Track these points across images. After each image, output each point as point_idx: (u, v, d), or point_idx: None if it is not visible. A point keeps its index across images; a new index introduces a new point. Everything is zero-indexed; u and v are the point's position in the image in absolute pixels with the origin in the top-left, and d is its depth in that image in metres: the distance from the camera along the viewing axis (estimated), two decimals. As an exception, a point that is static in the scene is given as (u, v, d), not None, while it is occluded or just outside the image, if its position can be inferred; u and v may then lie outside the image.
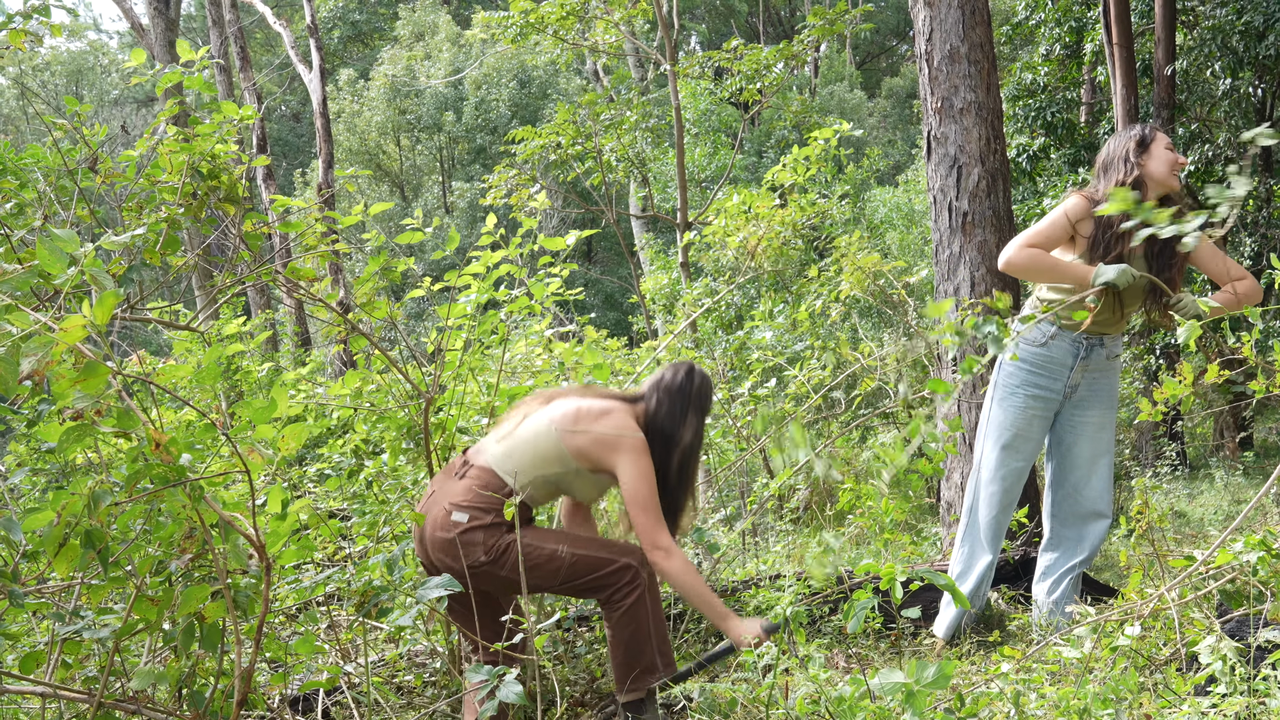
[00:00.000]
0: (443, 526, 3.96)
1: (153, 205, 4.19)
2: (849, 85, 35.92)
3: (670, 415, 4.18)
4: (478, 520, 3.94)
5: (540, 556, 3.97)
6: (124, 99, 36.76)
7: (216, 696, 3.17)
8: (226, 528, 2.94)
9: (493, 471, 4.04)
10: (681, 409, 4.19)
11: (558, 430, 4.07)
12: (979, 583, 5.11)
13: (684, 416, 4.19)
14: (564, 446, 4.05)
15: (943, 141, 6.54)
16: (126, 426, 2.69)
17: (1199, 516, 9.02)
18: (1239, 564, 3.89)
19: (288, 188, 33.47)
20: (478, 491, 4.00)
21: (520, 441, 4.08)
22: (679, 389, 4.22)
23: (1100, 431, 4.98)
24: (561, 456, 4.06)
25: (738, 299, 12.29)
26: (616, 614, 3.97)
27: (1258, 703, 3.11)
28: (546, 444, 4.06)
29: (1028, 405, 4.94)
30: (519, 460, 4.05)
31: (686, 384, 4.23)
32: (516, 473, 4.03)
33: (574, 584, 4.01)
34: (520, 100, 32.01)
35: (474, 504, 3.97)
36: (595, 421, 4.08)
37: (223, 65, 19.05)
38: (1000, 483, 5.04)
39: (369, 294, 4.80)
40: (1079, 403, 4.95)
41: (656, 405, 4.20)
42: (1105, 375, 4.94)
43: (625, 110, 12.65)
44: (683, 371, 4.27)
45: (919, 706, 2.63)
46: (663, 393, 4.22)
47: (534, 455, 4.06)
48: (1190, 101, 15.34)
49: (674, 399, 4.20)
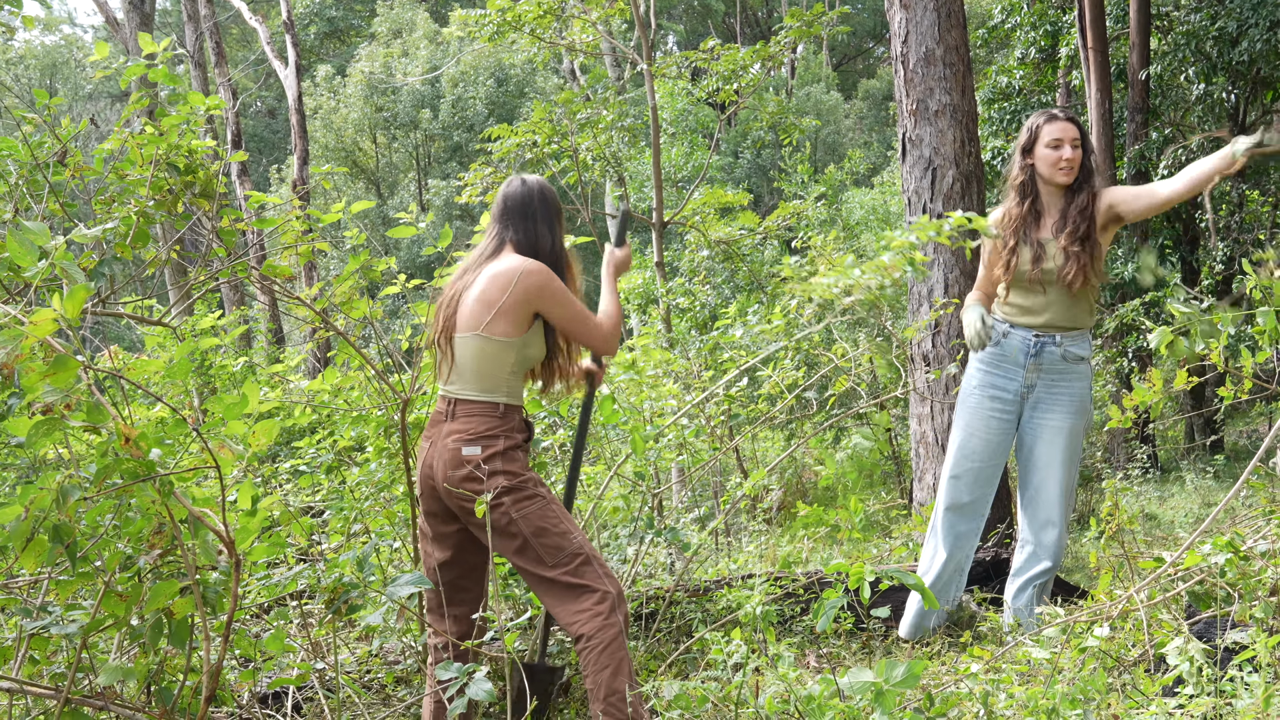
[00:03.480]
0: (455, 464, 3.92)
1: (124, 200, 4.17)
2: (826, 87, 35.97)
3: (538, 233, 4.20)
4: (491, 448, 3.93)
5: (553, 525, 3.94)
6: (98, 93, 36.57)
7: (185, 693, 3.16)
8: (196, 523, 2.93)
9: (473, 401, 4.01)
10: (541, 221, 4.22)
11: (483, 335, 4.02)
12: (939, 581, 5.12)
13: (548, 226, 4.22)
14: (499, 340, 4.01)
15: (918, 144, 6.57)
16: (96, 421, 2.68)
17: (1169, 519, 9.07)
18: (1207, 566, 3.92)
19: (263, 184, 33.34)
20: (476, 419, 3.98)
21: (470, 365, 4.04)
22: (523, 202, 4.22)
23: (1058, 436, 4.93)
24: (507, 344, 4.02)
25: (712, 299, 12.30)
26: (593, 650, 3.85)
27: (1224, 703, 3.13)
28: (488, 350, 4.02)
29: (982, 404, 4.98)
30: (482, 375, 4.02)
31: (528, 194, 4.24)
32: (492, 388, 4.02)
33: (559, 577, 3.92)
34: (497, 98, 31.95)
35: (479, 433, 3.95)
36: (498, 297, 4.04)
37: (198, 61, 18.97)
38: (954, 481, 5.07)
39: (348, 293, 4.79)
40: (1037, 404, 4.96)
41: (513, 233, 4.19)
42: (1065, 379, 4.91)
43: (601, 109, 12.64)
44: (516, 184, 4.27)
45: (888, 706, 2.64)
46: (514, 216, 4.21)
47: (490, 364, 4.02)
48: (1164, 106, 15.42)
49: (525, 215, 4.21)
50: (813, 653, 5.15)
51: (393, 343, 6.10)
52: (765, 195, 28.48)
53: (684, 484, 8.62)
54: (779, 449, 12.11)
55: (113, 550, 3.00)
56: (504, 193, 4.26)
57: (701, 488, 9.46)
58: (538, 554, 3.91)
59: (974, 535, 5.13)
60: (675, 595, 5.30)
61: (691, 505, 8.60)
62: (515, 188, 4.25)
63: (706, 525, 6.43)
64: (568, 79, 26.99)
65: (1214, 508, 4.30)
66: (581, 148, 12.70)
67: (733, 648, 3.27)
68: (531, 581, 4.00)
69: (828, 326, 9.50)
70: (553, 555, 3.91)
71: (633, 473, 6.00)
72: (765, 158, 29.03)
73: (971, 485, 5.04)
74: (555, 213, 4.26)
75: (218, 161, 4.55)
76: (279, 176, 31.07)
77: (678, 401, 6.54)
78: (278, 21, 25.97)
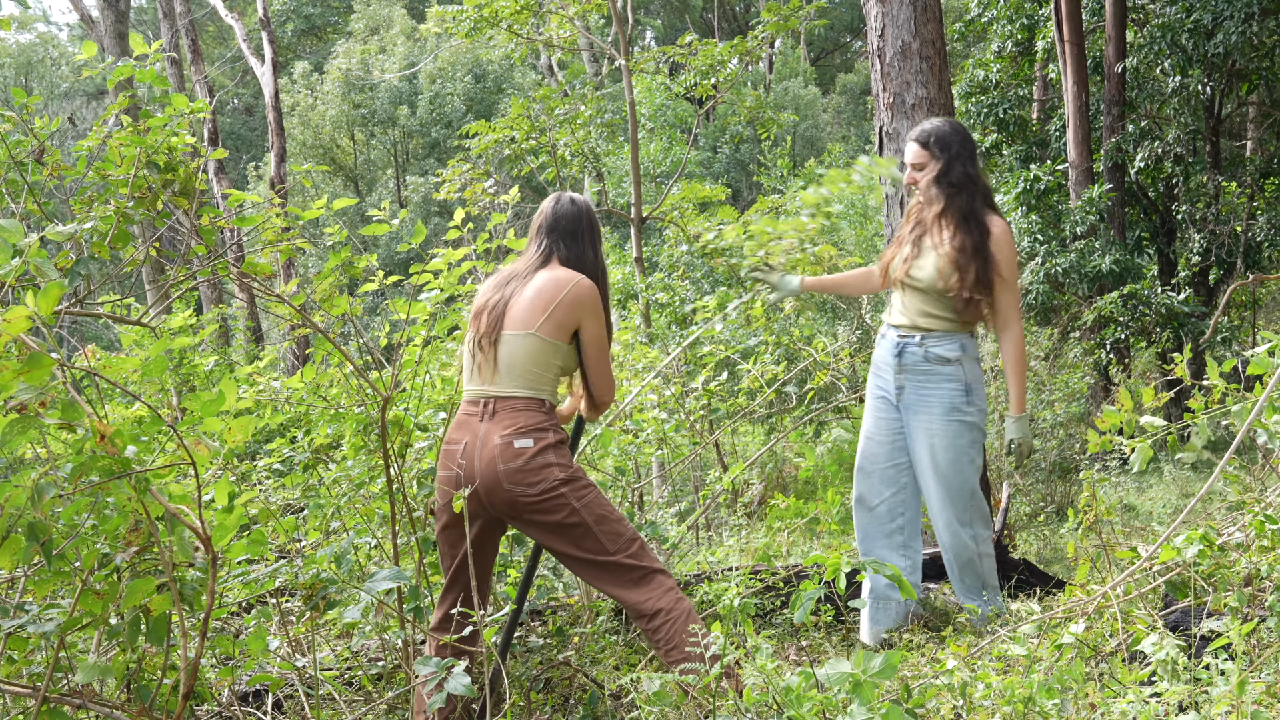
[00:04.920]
0: (508, 458, 3.96)
1: (103, 199, 4.16)
2: (803, 81, 36.02)
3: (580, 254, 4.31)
4: (543, 440, 3.99)
5: (610, 512, 4.04)
6: (74, 92, 36.43)
7: (164, 690, 3.15)
8: (172, 520, 2.92)
9: (520, 396, 4.08)
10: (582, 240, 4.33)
11: (535, 335, 4.10)
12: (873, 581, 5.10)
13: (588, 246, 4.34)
14: (549, 340, 4.10)
15: (895, 137, 6.58)
16: (71, 419, 2.67)
17: (1148, 510, 9.11)
18: (1182, 560, 3.94)
19: (240, 182, 33.25)
20: (523, 415, 4.04)
21: (517, 363, 4.10)
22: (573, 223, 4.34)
23: (930, 440, 4.89)
24: (555, 348, 4.11)
25: (691, 294, 12.31)
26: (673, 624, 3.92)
27: (1200, 691, 3.15)
28: (537, 349, 4.10)
29: (871, 405, 5.07)
30: (529, 374, 4.10)
31: (576, 215, 4.35)
32: (539, 385, 4.09)
33: (624, 560, 4.01)
34: (475, 95, 31.92)
35: (530, 426, 4.01)
36: (552, 300, 4.14)
37: (174, 58, 18.90)
38: (859, 475, 5.12)
39: (328, 290, 4.78)
40: (908, 407, 4.95)
41: (563, 251, 4.29)
42: (930, 381, 4.88)
43: (580, 105, 12.63)
44: (566, 204, 4.37)
45: (866, 697, 2.65)
46: (565, 235, 4.31)
47: (537, 364, 4.09)
48: (1140, 99, 15.48)
49: (576, 236, 4.33)
50: (792, 645, 5.16)
51: (372, 340, 6.09)
52: (744, 190, 28.51)
53: (664, 479, 8.63)
54: (759, 443, 12.13)
55: (90, 548, 3.00)
56: (554, 210, 4.35)
57: (682, 482, 9.47)
58: (599, 541, 3.99)
59: (883, 537, 5.08)
60: (655, 589, 5.30)
61: (672, 500, 8.61)
62: (566, 207, 4.35)
63: (687, 519, 6.44)
64: (546, 75, 26.97)
65: (1191, 499, 4.33)
66: (560, 143, 12.70)
67: (710, 640, 3.28)
68: (590, 569, 4.05)
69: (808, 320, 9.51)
70: (614, 540, 4.01)
71: (613, 468, 6.01)
72: (744, 152, 29.07)
73: (878, 486, 5.05)
74: (598, 235, 4.39)
75: (197, 159, 4.54)
76: (257, 174, 30.98)
77: (657, 396, 6.54)
78: (254, 18, 25.91)
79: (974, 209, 4.79)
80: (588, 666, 4.69)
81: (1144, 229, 15.81)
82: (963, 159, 4.84)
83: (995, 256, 4.75)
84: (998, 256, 4.75)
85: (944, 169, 4.83)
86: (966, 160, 4.85)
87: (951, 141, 4.85)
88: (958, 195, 4.81)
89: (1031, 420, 9.41)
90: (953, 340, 4.84)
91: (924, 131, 4.90)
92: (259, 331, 16.62)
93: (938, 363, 4.85)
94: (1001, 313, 4.81)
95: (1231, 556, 3.95)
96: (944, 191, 4.84)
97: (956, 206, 4.80)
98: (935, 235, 4.85)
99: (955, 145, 4.85)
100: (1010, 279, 4.77)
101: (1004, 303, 4.79)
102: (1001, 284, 4.77)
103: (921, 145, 4.89)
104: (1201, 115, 15.13)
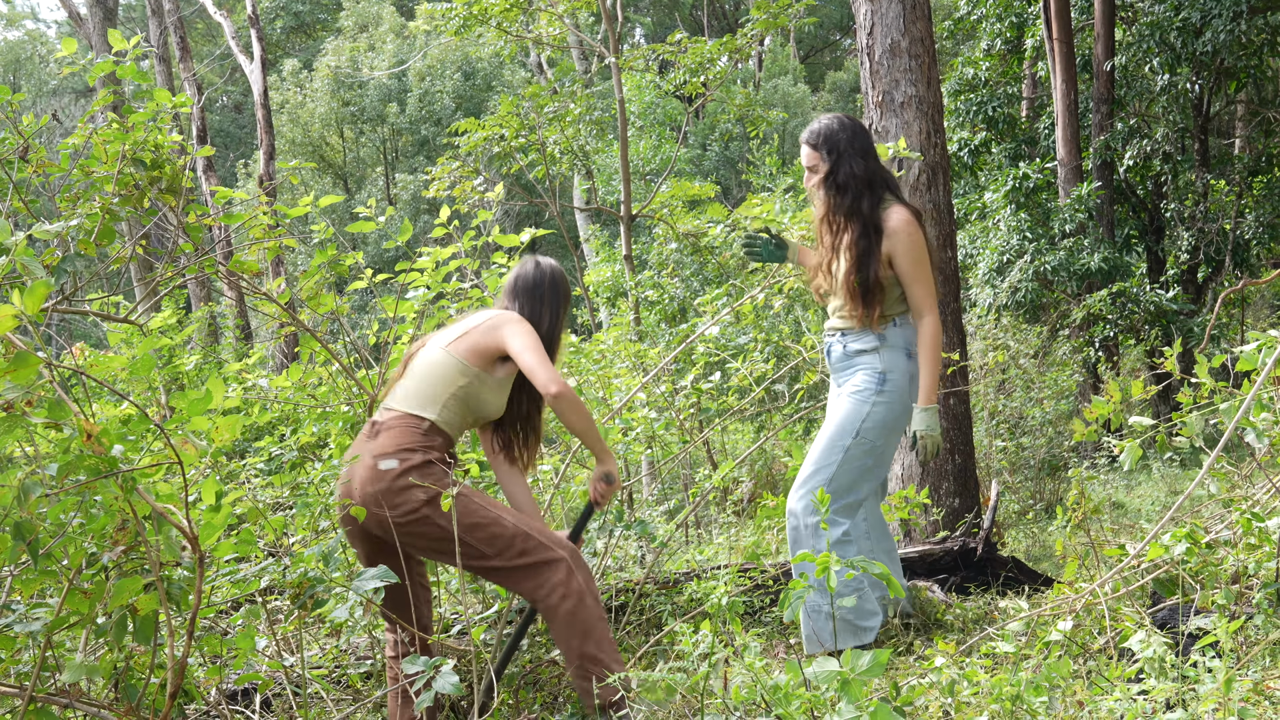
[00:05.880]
0: (372, 480, 3.92)
1: (88, 196, 4.15)
2: (793, 79, 35.99)
3: (534, 312, 4.30)
4: (408, 461, 3.94)
5: (483, 517, 3.97)
6: (62, 89, 36.33)
7: (151, 690, 3.14)
8: (159, 519, 2.91)
9: (404, 414, 4.06)
10: (540, 301, 4.33)
11: (444, 349, 4.14)
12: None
13: (544, 307, 4.33)
14: (456, 357, 4.11)
15: (884, 135, 6.59)
16: (57, 418, 2.67)
17: (1136, 507, 9.13)
18: (1170, 558, 3.96)
19: (229, 179, 33.16)
20: (397, 434, 4.00)
21: (418, 377, 4.13)
22: (534, 284, 4.35)
23: (831, 415, 4.88)
24: (460, 366, 4.10)
25: (680, 292, 12.30)
26: (559, 621, 3.93)
27: (1187, 689, 3.16)
28: (442, 363, 4.11)
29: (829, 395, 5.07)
30: (424, 391, 4.09)
31: (539, 277, 4.36)
32: (427, 404, 4.06)
33: (508, 563, 3.97)
34: (464, 92, 31.87)
35: (399, 447, 3.97)
36: (473, 325, 4.17)
37: (162, 56, 18.86)
38: None
39: (315, 288, 4.78)
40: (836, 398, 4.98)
41: (519, 308, 4.31)
42: (850, 370, 4.87)
43: (569, 103, 12.62)
44: (530, 266, 4.40)
45: (855, 695, 2.65)
46: (522, 295, 4.34)
47: (435, 379, 4.09)
48: (1129, 97, 15.51)
49: (533, 296, 4.34)
50: (781, 644, 5.16)
51: (360, 338, 6.09)
52: (733, 188, 28.51)
53: (654, 477, 8.64)
54: (749, 441, 12.13)
55: (77, 547, 2.99)
56: (517, 272, 4.41)
57: (671, 480, 9.47)
58: (478, 549, 3.95)
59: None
60: (645, 588, 5.31)
61: (661, 498, 8.60)
62: (528, 268, 4.40)
63: (676, 518, 6.44)
64: (535, 72, 26.95)
65: (1180, 495, 4.35)
66: (549, 141, 12.68)
67: (699, 638, 3.28)
68: (485, 575, 4.07)
69: (796, 319, 9.52)
70: (492, 544, 3.96)
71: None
72: (733, 150, 29.06)
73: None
74: (560, 300, 4.38)
75: (184, 157, 4.53)
76: (245, 172, 30.93)
77: (646, 394, 6.54)
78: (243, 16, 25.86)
79: (859, 207, 4.74)
80: (577, 665, 4.67)
81: (1132, 227, 15.84)
82: (850, 157, 4.78)
83: (893, 250, 4.70)
84: (895, 250, 4.70)
85: (830, 170, 4.79)
86: (855, 157, 4.78)
87: (839, 140, 4.80)
88: (843, 195, 4.76)
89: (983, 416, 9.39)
90: (868, 334, 4.79)
91: (813, 132, 4.86)
92: (248, 330, 16.59)
93: (857, 355, 4.83)
94: (912, 304, 4.76)
95: (1219, 554, 3.96)
96: (829, 193, 4.81)
97: (844, 207, 4.76)
98: (830, 237, 4.84)
99: (843, 143, 4.79)
100: (913, 270, 4.70)
101: (912, 294, 4.73)
102: (906, 276, 4.72)
103: (811, 147, 4.86)
104: (1190, 113, 15.16)
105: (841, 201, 4.76)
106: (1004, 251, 14.54)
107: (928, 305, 4.73)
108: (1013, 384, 10.96)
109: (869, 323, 4.76)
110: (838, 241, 4.79)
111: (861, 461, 4.76)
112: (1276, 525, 3.79)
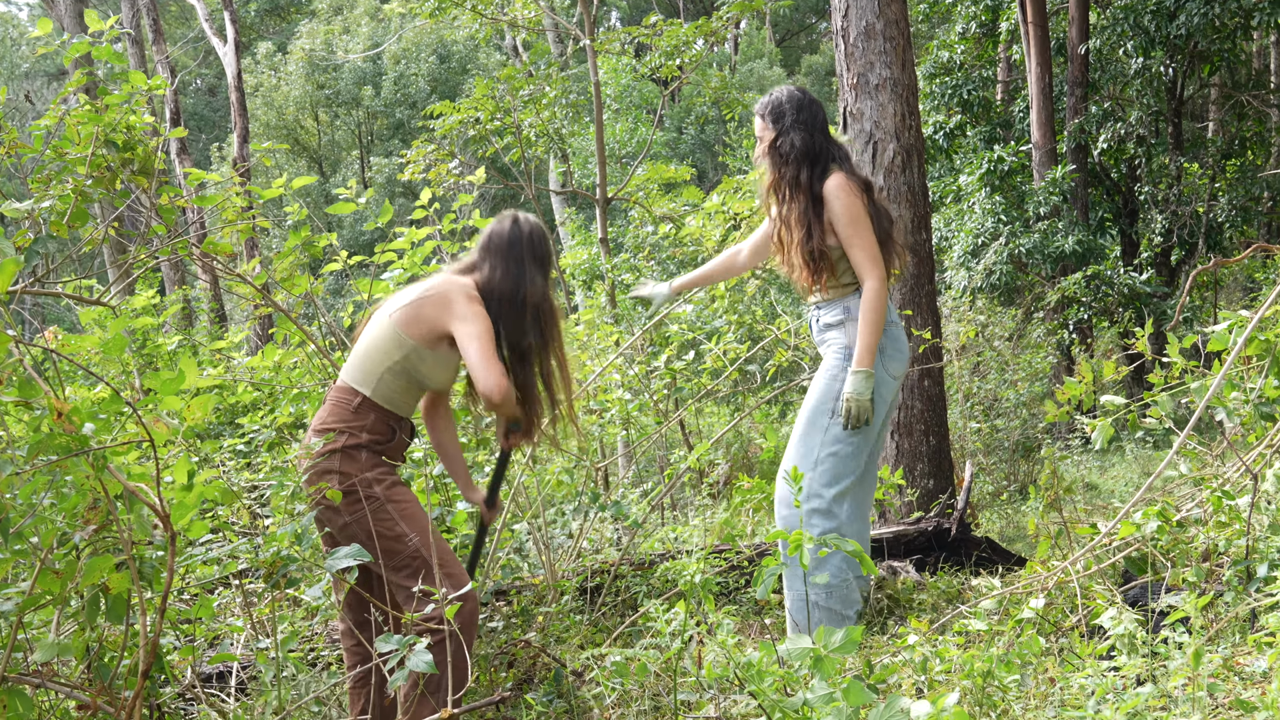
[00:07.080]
0: (307, 455, 3.84)
1: (60, 178, 4.13)
2: (768, 62, 36.01)
3: (507, 275, 4.01)
4: (334, 443, 3.79)
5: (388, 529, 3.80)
6: (35, 72, 36.07)
7: (124, 670, 3.14)
8: (131, 498, 2.90)
9: (341, 385, 3.93)
10: (517, 264, 4.02)
11: (389, 317, 3.92)
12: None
13: (523, 271, 4.02)
14: (397, 329, 3.88)
15: (859, 117, 6.59)
16: (28, 396, 2.66)
17: (1109, 489, 9.19)
18: (1141, 536, 3.98)
19: (203, 162, 33.02)
20: (329, 409, 3.89)
21: (360, 346, 3.96)
22: (508, 244, 4.04)
23: (803, 410, 4.87)
24: (398, 339, 3.87)
25: (656, 274, 12.30)
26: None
27: (1158, 665, 3.18)
28: (383, 334, 3.90)
29: None
30: (360, 364, 3.91)
31: (515, 234, 4.05)
32: (361, 378, 3.89)
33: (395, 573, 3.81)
34: (439, 75, 31.81)
35: (324, 425, 3.85)
36: (422, 294, 3.94)
37: (135, 38, 18.74)
38: None
39: (289, 269, 4.76)
40: None
41: (490, 270, 4.02)
42: (826, 347, 4.86)
43: (544, 86, 12.59)
44: (507, 223, 4.09)
45: (827, 671, 2.66)
46: (494, 255, 4.04)
47: (374, 350, 3.90)
48: (1103, 80, 15.57)
49: (507, 257, 4.03)
50: (756, 624, 5.18)
51: (335, 319, 6.08)
52: (709, 171, 28.53)
53: (630, 458, 8.64)
54: (724, 423, 12.15)
55: (48, 526, 2.98)
56: (491, 228, 4.11)
57: (647, 462, 9.48)
58: (378, 557, 3.77)
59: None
60: (620, 569, 5.32)
61: (637, 480, 8.61)
62: (503, 224, 4.10)
63: (651, 499, 6.45)
64: (510, 55, 26.86)
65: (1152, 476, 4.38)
66: (525, 124, 12.65)
67: (671, 615, 3.29)
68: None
69: (771, 301, 9.53)
70: (389, 558, 3.79)
71: (577, 448, 6.00)
72: (709, 133, 29.07)
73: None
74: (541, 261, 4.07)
75: (156, 138, 4.51)
76: (220, 155, 30.81)
77: (620, 375, 6.54)
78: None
79: (799, 176, 4.74)
80: (551, 646, 4.69)
81: (1107, 210, 15.90)
82: (794, 129, 4.78)
83: (829, 215, 4.70)
84: (831, 214, 4.69)
85: (774, 140, 4.81)
86: (798, 129, 4.78)
87: (785, 111, 4.81)
88: (785, 165, 4.77)
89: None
90: (835, 306, 4.78)
91: (762, 103, 4.89)
92: (223, 312, 16.52)
93: (827, 330, 4.82)
94: (854, 267, 4.73)
95: (1190, 532, 4.00)
96: (773, 162, 4.83)
97: (786, 177, 4.77)
98: (776, 207, 4.87)
99: (789, 115, 4.80)
100: (852, 232, 4.66)
101: (853, 257, 4.69)
102: (845, 239, 4.69)
103: (760, 116, 4.89)
104: (1164, 97, 15.21)
105: (785, 171, 4.78)
106: (979, 234, 14.59)
107: (868, 268, 4.68)
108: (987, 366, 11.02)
109: (826, 292, 4.77)
110: (784, 211, 4.80)
111: (844, 442, 4.74)
112: (1246, 503, 3.82)
